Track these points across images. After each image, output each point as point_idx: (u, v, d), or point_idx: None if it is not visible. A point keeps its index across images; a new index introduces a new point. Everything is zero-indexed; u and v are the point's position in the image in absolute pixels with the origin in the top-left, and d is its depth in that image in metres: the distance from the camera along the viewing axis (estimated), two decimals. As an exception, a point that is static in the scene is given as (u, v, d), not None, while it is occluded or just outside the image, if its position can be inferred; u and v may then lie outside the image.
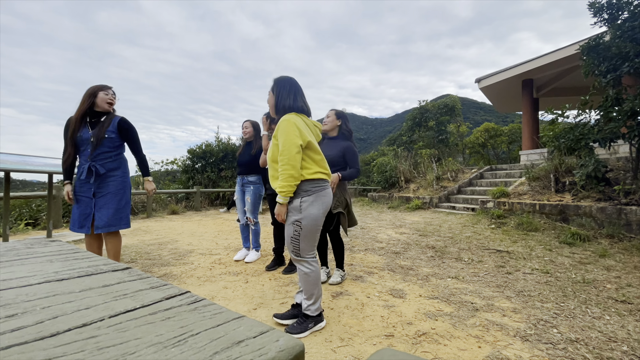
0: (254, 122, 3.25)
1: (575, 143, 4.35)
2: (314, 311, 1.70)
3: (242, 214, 3.29)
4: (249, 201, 3.18)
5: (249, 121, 3.24)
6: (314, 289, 1.70)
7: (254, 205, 3.21)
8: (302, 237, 1.62)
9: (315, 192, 1.62)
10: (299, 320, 1.70)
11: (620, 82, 4.14)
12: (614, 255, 3.12)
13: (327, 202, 1.68)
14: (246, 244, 3.37)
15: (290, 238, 1.64)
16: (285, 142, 1.55)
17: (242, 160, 3.23)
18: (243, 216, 3.29)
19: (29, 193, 5.35)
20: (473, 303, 2.07)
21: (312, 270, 1.69)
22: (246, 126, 3.22)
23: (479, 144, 16.56)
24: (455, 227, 4.90)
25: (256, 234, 3.31)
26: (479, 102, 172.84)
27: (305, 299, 1.71)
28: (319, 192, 1.64)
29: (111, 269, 0.61)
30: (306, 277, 1.69)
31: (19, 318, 0.37)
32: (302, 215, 1.60)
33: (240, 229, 3.36)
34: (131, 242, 4.23)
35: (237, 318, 0.39)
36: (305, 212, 1.59)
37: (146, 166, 2.51)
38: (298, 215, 1.60)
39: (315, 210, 1.61)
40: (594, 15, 4.33)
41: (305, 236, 1.62)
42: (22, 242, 0.89)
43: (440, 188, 8.12)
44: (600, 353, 1.48)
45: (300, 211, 1.60)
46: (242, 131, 3.26)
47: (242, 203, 3.29)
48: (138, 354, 0.30)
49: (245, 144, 3.32)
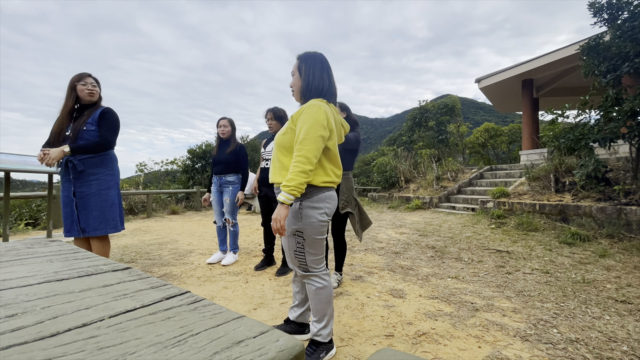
0: (230, 119, 3.19)
1: (575, 143, 4.35)
2: (325, 337, 1.42)
3: (219, 215, 3.19)
4: (228, 202, 3.09)
5: (226, 119, 3.17)
6: (327, 307, 1.42)
7: (232, 206, 3.10)
8: (307, 249, 1.36)
9: (317, 194, 1.34)
10: (309, 351, 1.41)
11: (620, 82, 4.14)
12: (614, 255, 3.12)
13: (333, 206, 1.41)
14: (222, 247, 3.25)
15: (294, 252, 1.38)
16: (309, 130, 1.25)
17: (218, 158, 3.11)
18: (220, 218, 3.19)
19: (29, 193, 5.35)
20: (473, 303, 2.07)
21: (325, 285, 1.41)
22: (224, 124, 3.13)
23: (479, 144, 16.55)
24: (455, 227, 4.90)
25: (234, 236, 3.20)
26: (479, 102, 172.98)
27: (316, 322, 1.42)
28: (322, 194, 1.36)
29: (111, 269, 0.61)
30: (318, 293, 1.40)
31: (19, 318, 0.37)
32: (303, 224, 1.33)
33: (217, 231, 3.24)
34: (131, 242, 4.23)
35: (237, 318, 0.39)
36: (306, 220, 1.32)
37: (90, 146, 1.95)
38: (297, 223, 1.33)
39: (318, 215, 1.34)
40: (594, 15, 4.33)
41: (310, 246, 1.36)
42: (22, 242, 0.89)
43: (440, 188, 8.12)
44: (600, 353, 1.48)
45: (300, 218, 1.32)
46: (219, 129, 3.15)
47: (219, 205, 3.18)
48: (138, 354, 0.30)
49: (220, 141, 3.19)
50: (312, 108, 1.29)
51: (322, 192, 1.36)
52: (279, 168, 1.39)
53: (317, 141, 1.26)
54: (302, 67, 1.41)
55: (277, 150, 1.41)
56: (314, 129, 1.26)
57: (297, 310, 1.64)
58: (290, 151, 1.36)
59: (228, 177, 3.10)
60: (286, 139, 1.37)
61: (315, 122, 1.26)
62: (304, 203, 1.33)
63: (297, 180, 1.21)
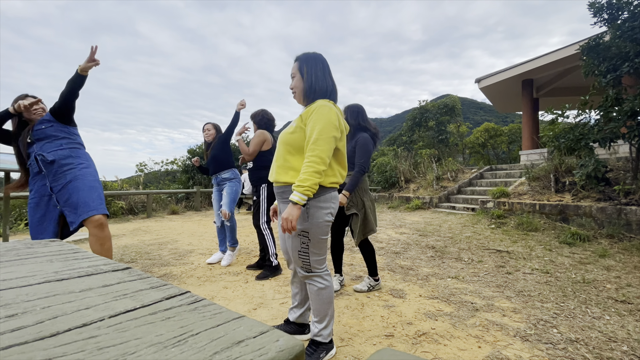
0: (215, 124, 3.31)
1: (575, 143, 4.35)
2: (326, 337, 1.42)
3: (219, 216, 3.19)
4: (226, 194, 3.08)
5: (210, 123, 3.30)
6: (328, 308, 1.42)
7: (230, 198, 3.08)
8: (312, 249, 1.36)
9: (324, 194, 1.35)
10: (309, 351, 1.41)
11: (620, 82, 4.14)
12: (614, 255, 3.12)
13: (337, 206, 1.42)
14: (222, 247, 3.23)
15: (298, 253, 1.37)
16: (323, 131, 1.25)
17: (209, 160, 3.18)
18: (220, 218, 3.19)
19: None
20: (473, 303, 2.07)
21: (327, 286, 1.42)
22: (208, 128, 3.26)
23: (479, 144, 16.56)
24: (455, 227, 4.90)
25: (232, 230, 3.18)
26: (479, 102, 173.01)
27: (317, 322, 1.42)
28: (328, 194, 1.36)
29: (111, 269, 0.61)
30: (319, 294, 1.41)
31: (19, 318, 0.37)
32: (309, 224, 1.32)
33: (217, 231, 3.24)
34: (131, 242, 4.23)
35: (237, 318, 0.39)
36: (313, 220, 1.32)
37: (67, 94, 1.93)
38: (303, 223, 1.33)
39: (324, 216, 1.34)
40: (594, 15, 4.33)
41: (314, 247, 1.36)
42: (22, 242, 0.89)
43: (440, 188, 8.12)
44: (600, 353, 1.48)
45: (306, 218, 1.32)
46: (205, 133, 3.27)
47: (218, 204, 3.19)
48: (138, 354, 0.30)
49: (207, 146, 3.31)
50: (323, 108, 1.29)
51: (329, 192, 1.37)
52: (284, 167, 1.37)
53: (330, 142, 1.26)
54: (303, 68, 1.41)
55: (284, 148, 1.39)
56: (327, 129, 1.26)
57: (296, 311, 1.64)
58: (299, 151, 1.36)
59: (223, 174, 3.13)
60: (295, 137, 1.36)
61: (328, 122, 1.27)
62: (311, 203, 1.32)
63: (311, 180, 1.21)
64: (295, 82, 1.44)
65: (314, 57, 1.42)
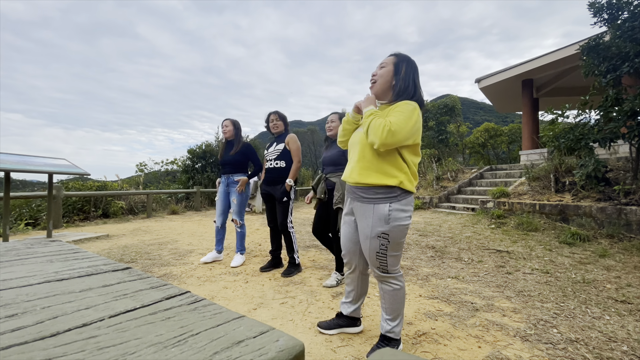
0: (233, 120, 3.22)
1: (575, 143, 4.35)
2: (397, 333, 1.48)
3: (219, 215, 3.17)
4: (235, 202, 3.08)
5: (228, 119, 3.20)
6: (401, 307, 1.48)
7: (240, 206, 3.09)
8: (390, 251, 1.40)
9: (406, 197, 1.38)
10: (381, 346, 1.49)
11: (620, 82, 4.14)
12: (614, 255, 3.12)
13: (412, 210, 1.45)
14: (218, 247, 3.20)
15: (376, 254, 1.40)
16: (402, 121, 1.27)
17: (225, 160, 3.15)
18: (220, 218, 3.17)
19: (29, 193, 5.35)
20: (473, 303, 2.07)
21: (401, 287, 1.47)
22: (226, 124, 3.17)
23: (479, 144, 16.55)
24: (455, 227, 4.90)
25: (242, 237, 3.17)
26: (479, 102, 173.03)
27: (389, 320, 1.49)
28: (409, 197, 1.40)
29: (111, 269, 0.61)
30: (395, 295, 1.46)
31: (19, 318, 0.37)
32: (390, 227, 1.35)
33: (216, 231, 3.20)
34: (131, 242, 4.23)
35: (237, 318, 0.39)
36: (394, 223, 1.35)
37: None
38: (384, 226, 1.35)
39: (405, 219, 1.37)
40: (594, 15, 4.33)
41: (393, 249, 1.40)
42: (22, 242, 0.89)
43: (440, 188, 8.12)
44: (600, 353, 1.48)
45: (388, 221, 1.34)
46: (222, 130, 3.18)
47: (222, 204, 3.17)
48: (138, 354, 0.30)
49: (226, 142, 3.24)
50: (410, 106, 1.31)
51: (410, 195, 1.41)
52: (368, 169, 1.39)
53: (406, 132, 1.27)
54: (401, 66, 1.43)
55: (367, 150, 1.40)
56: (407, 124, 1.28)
57: (350, 306, 1.69)
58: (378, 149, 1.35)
59: (235, 177, 3.12)
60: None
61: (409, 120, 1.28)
62: (393, 205, 1.35)
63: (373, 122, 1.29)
64: (384, 72, 1.45)
65: (413, 62, 1.46)
